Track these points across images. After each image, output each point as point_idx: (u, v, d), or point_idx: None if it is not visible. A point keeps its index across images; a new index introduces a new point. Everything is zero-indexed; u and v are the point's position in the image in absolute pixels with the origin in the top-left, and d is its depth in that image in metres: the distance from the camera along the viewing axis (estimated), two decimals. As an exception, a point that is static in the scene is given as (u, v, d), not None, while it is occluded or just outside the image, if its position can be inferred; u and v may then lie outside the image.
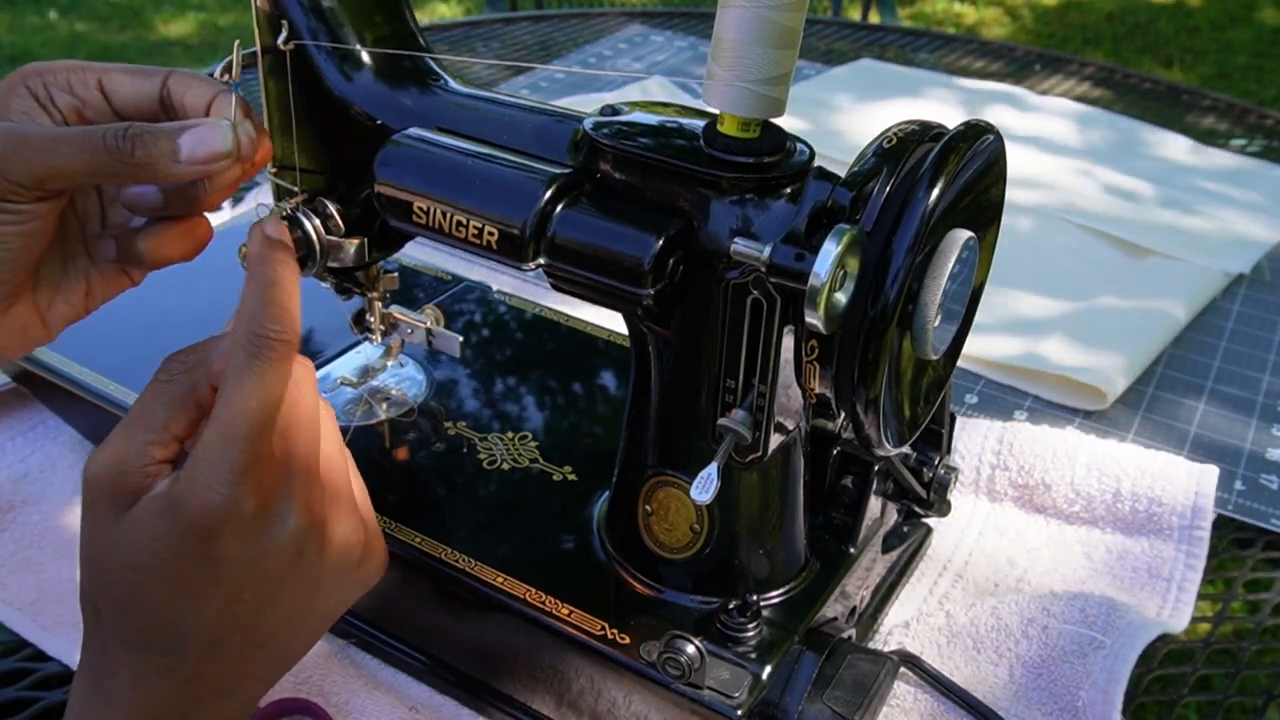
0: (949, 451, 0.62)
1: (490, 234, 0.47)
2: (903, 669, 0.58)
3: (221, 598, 0.42)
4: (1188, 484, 0.70)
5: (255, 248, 0.44)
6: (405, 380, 0.68)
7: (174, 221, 0.48)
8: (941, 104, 1.33)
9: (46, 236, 0.46)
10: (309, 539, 0.44)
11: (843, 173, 0.43)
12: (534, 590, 0.53)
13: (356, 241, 0.56)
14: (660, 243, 0.44)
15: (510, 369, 0.70)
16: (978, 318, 0.50)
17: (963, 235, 0.43)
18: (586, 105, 0.51)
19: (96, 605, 0.43)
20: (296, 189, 0.56)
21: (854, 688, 0.51)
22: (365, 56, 0.53)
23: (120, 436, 0.42)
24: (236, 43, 0.49)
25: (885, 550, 0.63)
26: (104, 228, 0.51)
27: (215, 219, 0.98)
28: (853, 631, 0.57)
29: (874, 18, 2.15)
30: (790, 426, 0.49)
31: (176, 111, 0.49)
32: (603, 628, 0.51)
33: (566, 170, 0.47)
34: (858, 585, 0.59)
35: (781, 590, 0.54)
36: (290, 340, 0.42)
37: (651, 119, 0.48)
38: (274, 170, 0.57)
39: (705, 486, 0.45)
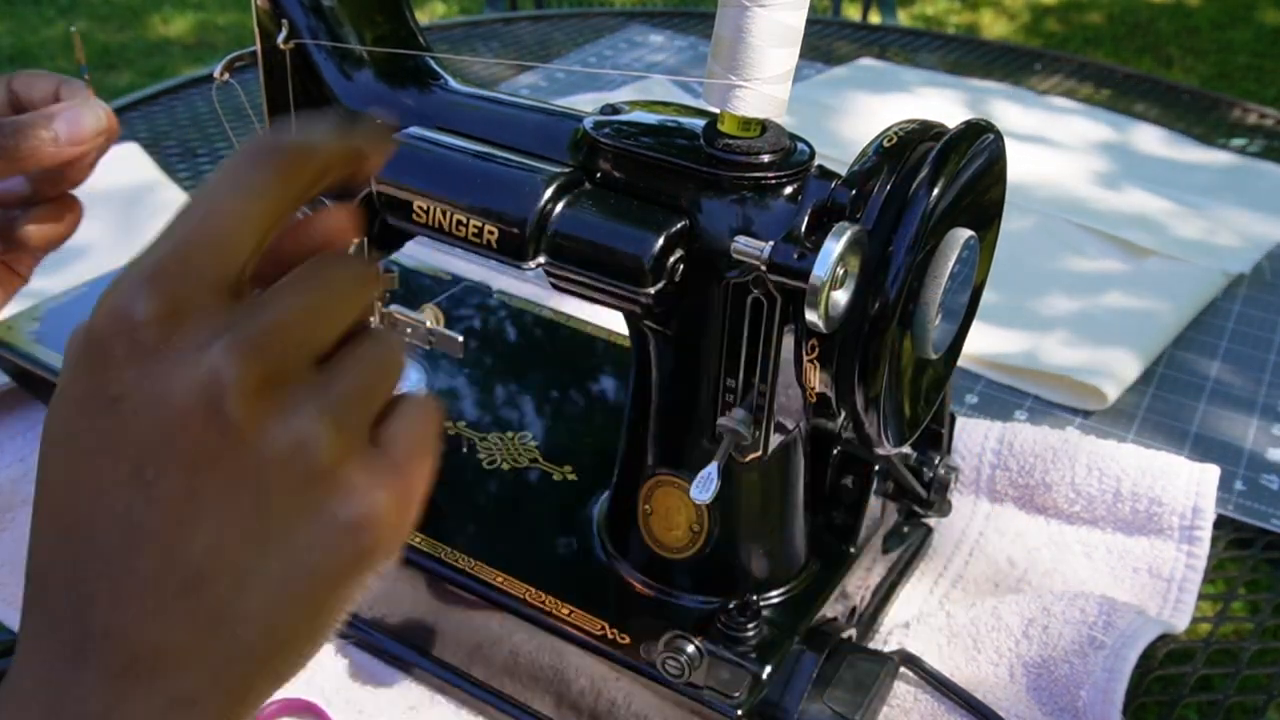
0: (949, 451, 0.62)
1: (490, 233, 0.47)
2: (903, 669, 0.58)
3: (115, 470, 0.28)
4: (1188, 484, 0.70)
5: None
6: (405, 380, 0.68)
7: (46, 205, 0.53)
8: (942, 103, 1.33)
9: None
10: (214, 389, 0.28)
11: (843, 172, 0.43)
12: (534, 590, 0.53)
13: (356, 241, 0.56)
14: (661, 242, 0.44)
15: (510, 369, 0.70)
16: (978, 317, 0.50)
17: (963, 234, 0.43)
18: (586, 105, 0.51)
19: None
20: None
21: (854, 688, 0.51)
22: (365, 56, 0.53)
23: None
24: (74, 30, 0.56)
25: (885, 550, 0.63)
26: None
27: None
28: (853, 631, 0.57)
29: (874, 18, 2.15)
30: (790, 426, 0.49)
31: (28, 107, 0.53)
32: (603, 627, 0.51)
33: (567, 169, 0.47)
34: (858, 585, 0.59)
35: (781, 590, 0.54)
36: (299, 155, 0.31)
37: (652, 118, 0.48)
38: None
39: (705, 486, 0.45)
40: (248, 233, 0.30)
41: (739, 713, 0.47)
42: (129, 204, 0.97)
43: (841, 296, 0.40)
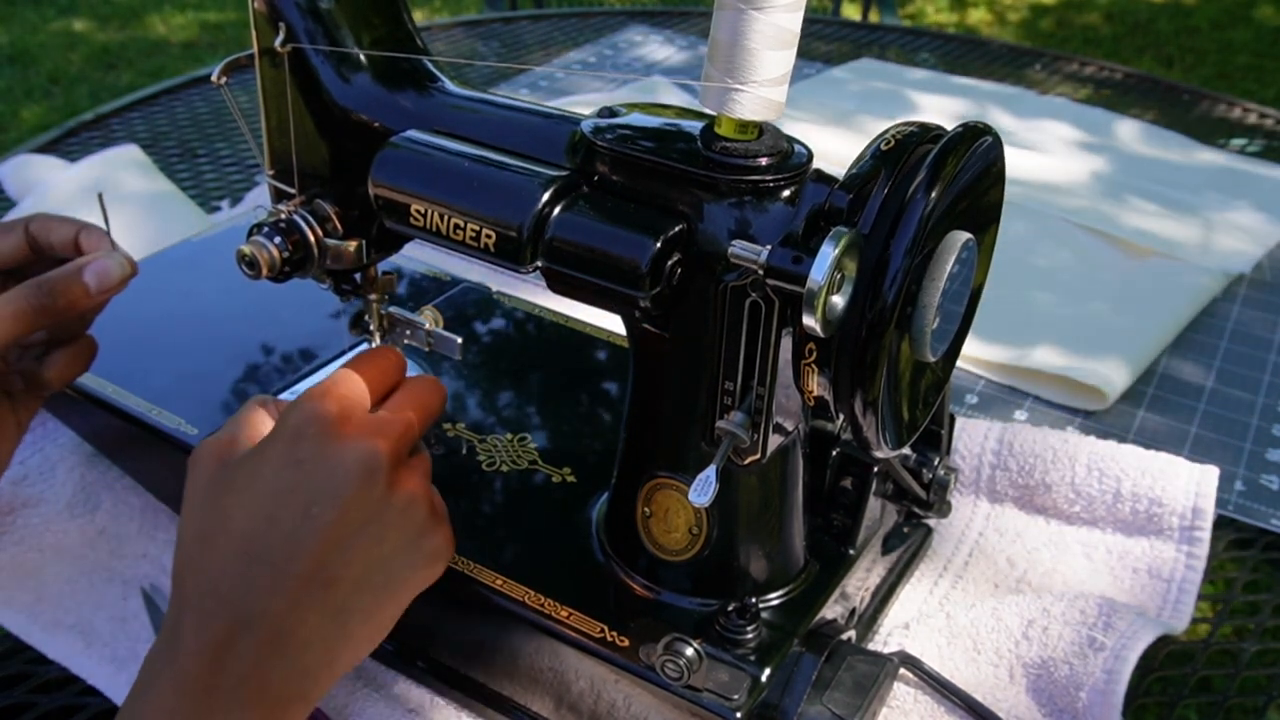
0: (949, 452, 0.62)
1: (488, 236, 0.47)
2: (902, 670, 0.58)
3: (291, 505, 0.44)
4: (1188, 484, 0.70)
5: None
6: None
7: (66, 346, 0.57)
8: (941, 104, 1.33)
9: None
10: (373, 464, 0.46)
11: (841, 174, 0.43)
12: (533, 593, 0.53)
13: (355, 243, 0.56)
14: (658, 245, 0.44)
15: (510, 370, 0.70)
16: (977, 318, 0.50)
17: (961, 237, 0.42)
18: (586, 105, 0.51)
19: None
20: (294, 191, 0.55)
21: (853, 689, 0.51)
22: (363, 58, 0.53)
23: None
24: (99, 194, 0.57)
25: (885, 551, 0.63)
26: (5, 366, 0.57)
27: (214, 220, 0.99)
28: (852, 633, 0.57)
29: (874, 18, 2.15)
30: (789, 428, 0.49)
31: (46, 250, 0.57)
32: (602, 630, 0.51)
33: (564, 172, 0.47)
34: (857, 586, 0.59)
35: (781, 592, 0.54)
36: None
37: (649, 121, 0.48)
38: (272, 173, 0.57)
39: (704, 489, 0.45)
40: (391, 381, 0.51)
41: (738, 715, 0.47)
42: (128, 205, 0.97)
43: (839, 300, 0.40)
